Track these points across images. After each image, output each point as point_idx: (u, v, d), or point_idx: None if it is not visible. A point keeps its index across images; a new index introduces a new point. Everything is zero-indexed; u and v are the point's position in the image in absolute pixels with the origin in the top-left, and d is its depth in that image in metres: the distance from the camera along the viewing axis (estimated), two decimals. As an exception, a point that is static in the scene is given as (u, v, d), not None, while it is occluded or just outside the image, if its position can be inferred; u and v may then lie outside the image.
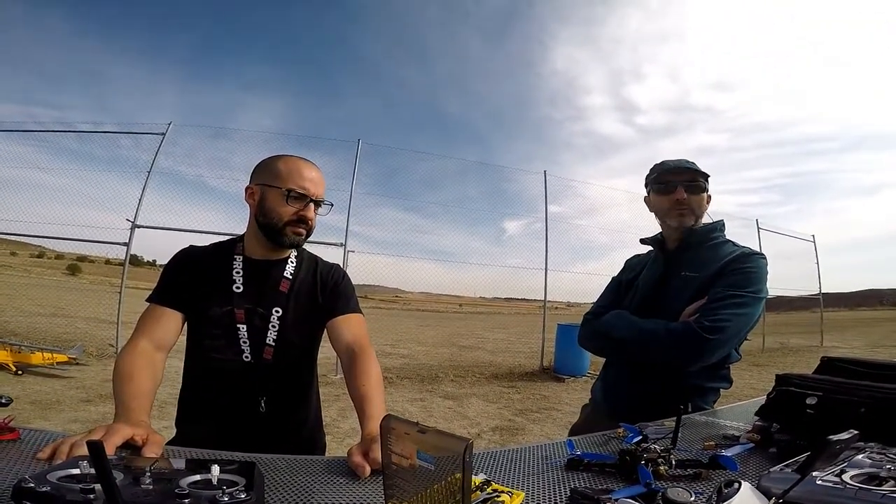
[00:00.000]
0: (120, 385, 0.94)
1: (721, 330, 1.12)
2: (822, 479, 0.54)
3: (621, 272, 1.52)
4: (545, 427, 4.38)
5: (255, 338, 1.13)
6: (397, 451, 0.50)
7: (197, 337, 1.16)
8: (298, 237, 1.15)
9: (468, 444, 0.42)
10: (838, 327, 21.53)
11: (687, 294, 1.24)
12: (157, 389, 1.00)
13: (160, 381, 1.03)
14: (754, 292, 1.18)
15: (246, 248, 1.20)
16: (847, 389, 0.83)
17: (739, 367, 5.67)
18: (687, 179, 1.31)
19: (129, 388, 0.93)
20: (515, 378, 6.92)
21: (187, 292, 1.14)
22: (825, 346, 13.57)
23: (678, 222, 1.31)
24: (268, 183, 1.14)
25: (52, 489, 0.48)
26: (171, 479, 0.54)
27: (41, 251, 34.97)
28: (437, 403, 5.17)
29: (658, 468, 0.70)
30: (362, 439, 0.81)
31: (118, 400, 0.90)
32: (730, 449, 0.83)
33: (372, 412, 0.92)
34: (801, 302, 15.22)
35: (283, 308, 1.16)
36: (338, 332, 1.16)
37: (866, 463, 0.59)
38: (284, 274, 1.19)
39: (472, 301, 31.93)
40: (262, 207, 1.14)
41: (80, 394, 4.48)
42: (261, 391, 1.14)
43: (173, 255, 1.22)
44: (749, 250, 1.28)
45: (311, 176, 1.16)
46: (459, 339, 14.09)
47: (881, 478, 0.54)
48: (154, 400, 0.97)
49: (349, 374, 1.07)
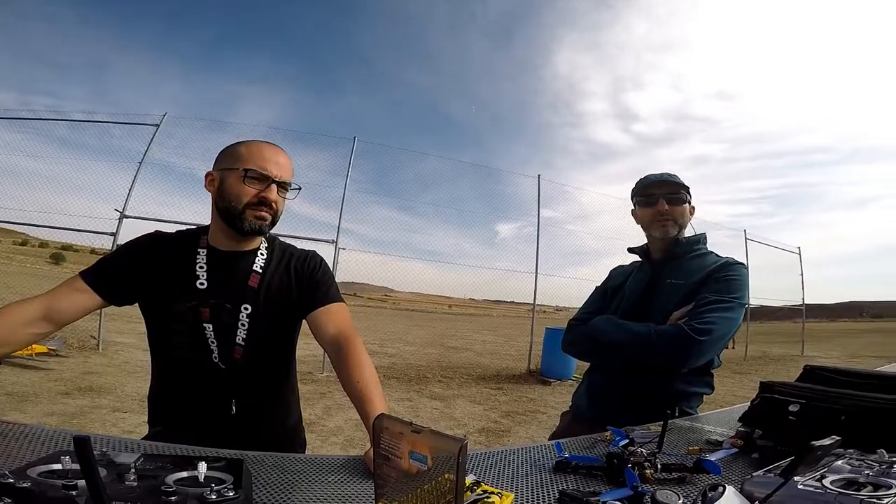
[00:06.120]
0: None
1: (709, 332, 1.16)
2: (804, 484, 0.56)
3: (606, 281, 1.56)
4: (531, 429, 4.40)
5: (222, 337, 1.05)
6: (390, 451, 0.50)
7: (161, 335, 1.10)
8: (261, 222, 1.06)
9: (462, 445, 0.43)
10: (819, 338, 21.98)
11: (673, 300, 1.28)
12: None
13: (7, 347, 0.94)
14: (738, 298, 1.23)
15: (210, 239, 1.11)
16: (828, 397, 0.85)
17: (722, 374, 5.70)
18: (669, 192, 1.36)
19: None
20: (502, 380, 6.94)
21: (139, 283, 1.06)
22: (806, 355, 13.84)
23: (661, 232, 1.36)
24: (227, 167, 1.06)
25: (33, 485, 0.47)
26: (157, 476, 0.53)
27: (25, 238, 34.26)
28: (423, 404, 5.17)
29: (644, 471, 0.71)
30: (371, 440, 0.78)
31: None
32: (714, 454, 0.85)
33: (373, 409, 0.85)
34: (784, 312, 15.52)
35: (253, 305, 1.07)
36: (320, 324, 1.08)
37: (846, 468, 0.60)
38: (254, 267, 1.10)
39: (461, 302, 31.94)
40: (221, 192, 1.06)
41: (58, 386, 4.39)
42: (231, 393, 1.07)
43: (136, 237, 1.13)
44: (732, 260, 1.34)
45: (273, 158, 1.07)
46: (448, 339, 14.10)
47: (860, 483, 0.55)
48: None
49: (340, 368, 0.98)
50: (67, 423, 3.43)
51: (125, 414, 3.86)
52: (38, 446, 0.71)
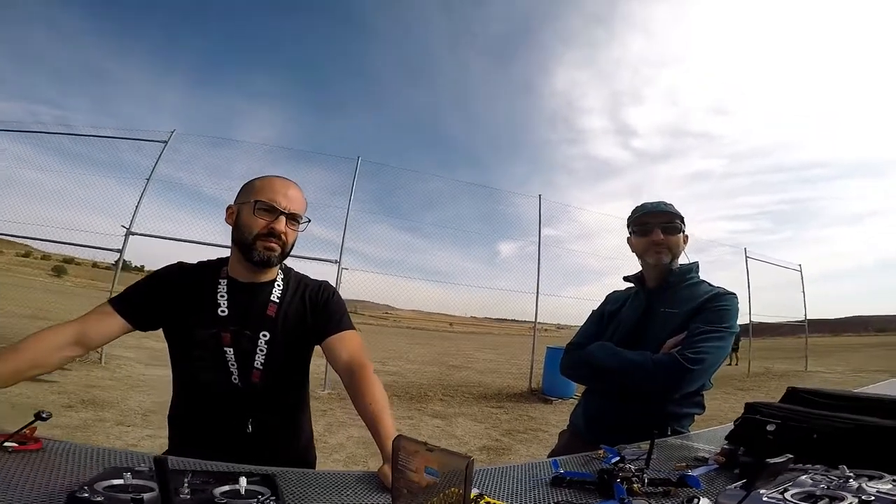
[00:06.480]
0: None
1: (702, 361, 1.22)
2: (768, 496, 0.63)
3: (602, 305, 1.61)
4: (531, 448, 4.42)
5: (242, 361, 1.12)
6: (407, 467, 0.58)
7: (183, 358, 1.16)
8: (270, 252, 1.12)
9: (469, 462, 0.51)
10: (823, 353, 21.84)
11: (668, 328, 1.34)
12: (33, 372, 1.01)
13: (42, 368, 1.03)
14: (728, 327, 1.30)
15: (230, 270, 1.18)
16: (803, 418, 0.93)
17: (724, 391, 5.75)
18: (664, 221, 1.42)
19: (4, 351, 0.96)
20: (504, 399, 6.95)
21: (164, 311, 1.13)
22: (809, 370, 13.76)
23: (656, 260, 1.42)
24: (243, 200, 1.14)
25: (105, 499, 0.54)
26: (205, 490, 0.61)
27: (28, 250, 34.37)
28: (425, 422, 5.19)
29: (632, 486, 0.78)
30: (384, 459, 0.83)
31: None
32: (697, 469, 0.92)
33: (387, 433, 0.92)
34: (787, 328, 15.48)
35: (272, 332, 1.15)
36: (334, 351, 1.16)
37: (808, 483, 0.67)
38: (271, 297, 1.18)
39: (463, 320, 31.81)
40: (237, 223, 1.14)
41: (62, 399, 4.43)
42: (248, 412, 1.14)
43: (162, 267, 1.21)
44: (723, 290, 1.40)
45: (283, 191, 1.14)
46: (449, 358, 14.06)
47: (816, 496, 0.63)
48: (20, 374, 1.00)
49: (353, 393, 1.06)
50: (71, 436, 3.47)
51: (128, 428, 3.90)
52: (80, 464, 0.78)
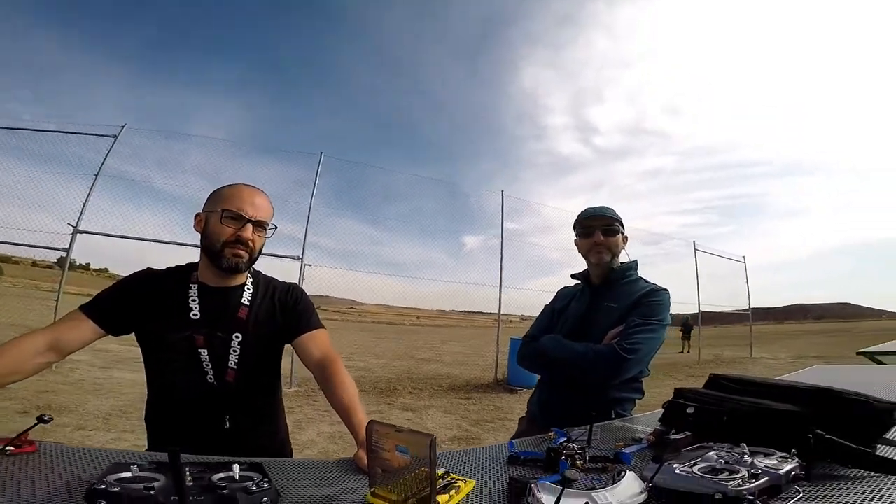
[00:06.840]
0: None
1: (637, 351, 1.39)
2: (679, 469, 0.77)
3: (553, 301, 1.77)
4: (499, 436, 4.61)
5: (216, 361, 1.17)
6: (381, 448, 0.69)
7: (158, 361, 1.20)
8: (238, 259, 1.17)
9: (432, 439, 0.62)
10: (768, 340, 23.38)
11: (609, 321, 1.50)
12: (10, 379, 1.02)
13: (18, 375, 1.04)
14: (661, 320, 1.47)
15: (200, 275, 1.22)
16: (717, 402, 1.09)
17: (677, 377, 6.14)
18: (604, 224, 1.58)
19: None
20: (471, 390, 7.15)
21: (135, 315, 1.17)
22: (754, 357, 14.75)
23: (597, 259, 1.58)
24: (210, 209, 1.19)
25: (122, 489, 0.60)
26: (203, 477, 0.69)
27: (-43, 250, 31.66)
28: (395, 415, 5.29)
29: (575, 462, 0.92)
30: (358, 445, 0.92)
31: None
32: (631, 448, 1.07)
33: (359, 420, 1.01)
34: (732, 317, 16.49)
35: (244, 333, 1.20)
36: (306, 349, 1.22)
37: (713, 458, 0.82)
38: (242, 301, 1.22)
39: (429, 314, 31.93)
40: (205, 231, 1.19)
41: (15, 405, 4.28)
42: (225, 410, 1.19)
43: (131, 273, 1.24)
44: (657, 287, 1.57)
45: (250, 199, 1.18)
46: (417, 351, 14.20)
47: (717, 469, 0.77)
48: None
49: (326, 387, 1.13)
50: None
51: (90, 432, 3.82)
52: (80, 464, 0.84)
